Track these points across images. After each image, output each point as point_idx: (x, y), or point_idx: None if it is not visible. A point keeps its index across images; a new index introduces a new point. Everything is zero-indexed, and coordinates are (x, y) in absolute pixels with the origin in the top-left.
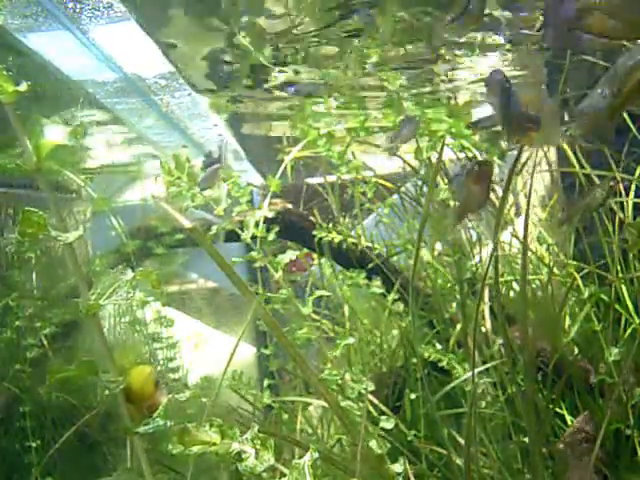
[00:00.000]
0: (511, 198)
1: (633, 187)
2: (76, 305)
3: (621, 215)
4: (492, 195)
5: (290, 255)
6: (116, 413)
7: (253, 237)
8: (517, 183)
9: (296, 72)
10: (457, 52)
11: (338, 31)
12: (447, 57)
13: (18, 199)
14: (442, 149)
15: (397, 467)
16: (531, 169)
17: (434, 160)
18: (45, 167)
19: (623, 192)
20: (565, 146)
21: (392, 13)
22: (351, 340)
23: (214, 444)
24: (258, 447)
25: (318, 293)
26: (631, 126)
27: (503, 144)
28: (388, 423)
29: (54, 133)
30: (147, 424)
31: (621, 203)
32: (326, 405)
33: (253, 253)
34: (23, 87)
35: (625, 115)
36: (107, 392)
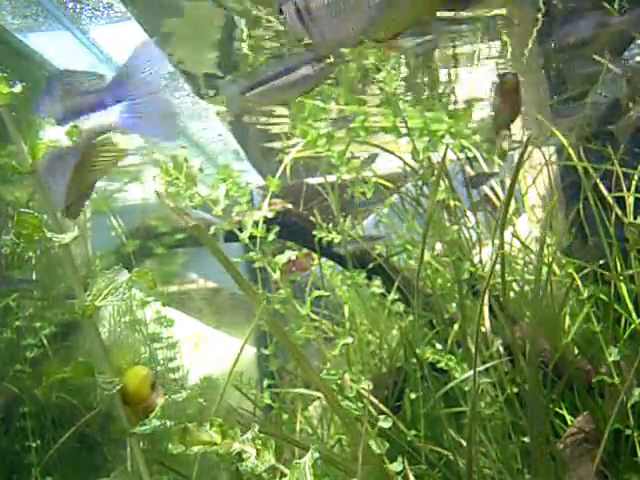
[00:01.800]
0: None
1: (633, 187)
2: (73, 306)
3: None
4: (493, 196)
5: (287, 255)
6: (115, 414)
7: (251, 237)
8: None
9: None
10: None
11: None
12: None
13: None
14: (446, 151)
15: (396, 466)
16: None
17: (434, 160)
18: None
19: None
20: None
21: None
22: (349, 340)
23: (215, 444)
24: (259, 447)
25: (316, 293)
26: None
27: (504, 144)
28: (386, 423)
29: (50, 134)
30: (143, 425)
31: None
32: (326, 404)
33: (251, 254)
34: (18, 89)
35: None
36: (104, 393)
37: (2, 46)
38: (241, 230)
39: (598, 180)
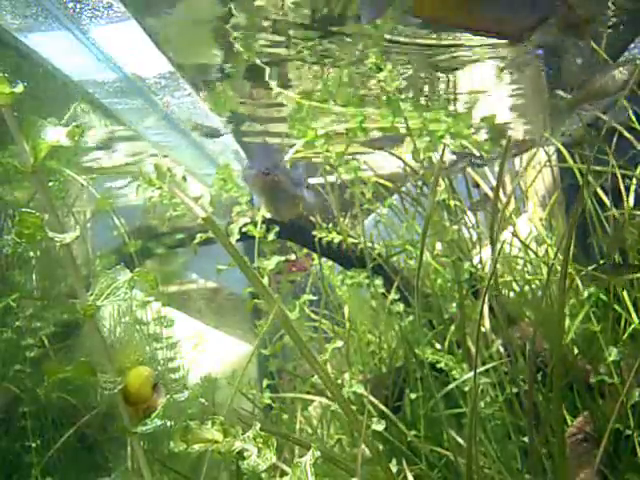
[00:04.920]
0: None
1: (633, 187)
2: (74, 306)
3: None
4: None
5: (276, 260)
6: (116, 413)
7: (241, 238)
8: (518, 183)
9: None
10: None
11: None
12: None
13: None
14: (444, 151)
15: (392, 467)
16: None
17: (434, 160)
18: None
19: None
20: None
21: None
22: (340, 343)
23: (216, 442)
24: (260, 445)
25: (307, 297)
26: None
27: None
28: (379, 425)
29: (52, 134)
30: (144, 425)
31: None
32: (325, 406)
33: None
34: (19, 89)
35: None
36: (105, 393)
37: (2, 46)
38: (241, 231)
39: (598, 187)
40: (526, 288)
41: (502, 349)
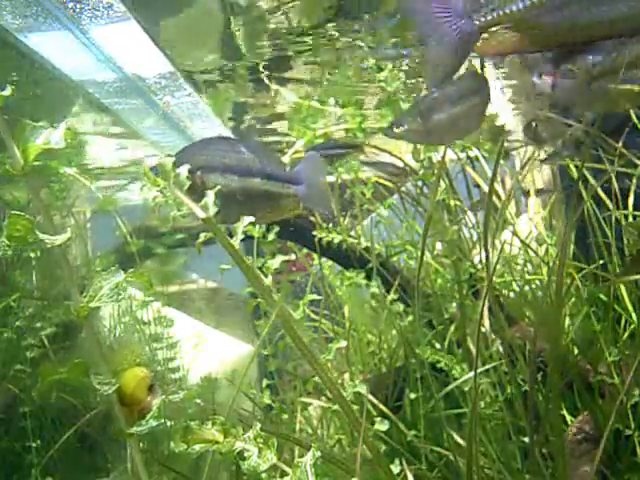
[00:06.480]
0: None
1: (633, 187)
2: (70, 307)
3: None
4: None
5: (279, 260)
6: (114, 414)
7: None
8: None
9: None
10: None
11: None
12: None
13: None
14: (445, 150)
15: (394, 468)
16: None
17: (434, 160)
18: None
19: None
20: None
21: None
22: (343, 343)
23: (217, 442)
24: (261, 446)
25: (310, 297)
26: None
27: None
28: (382, 425)
29: (44, 136)
30: (140, 426)
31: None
32: (324, 406)
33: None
34: (7, 92)
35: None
36: (100, 393)
37: (2, 46)
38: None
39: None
40: (526, 288)
41: (502, 349)
